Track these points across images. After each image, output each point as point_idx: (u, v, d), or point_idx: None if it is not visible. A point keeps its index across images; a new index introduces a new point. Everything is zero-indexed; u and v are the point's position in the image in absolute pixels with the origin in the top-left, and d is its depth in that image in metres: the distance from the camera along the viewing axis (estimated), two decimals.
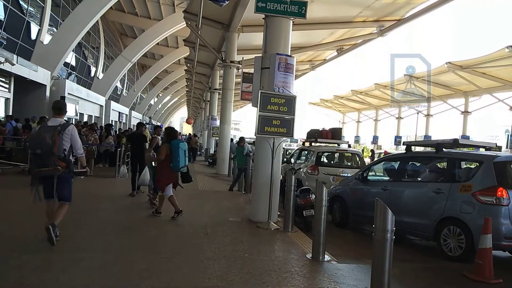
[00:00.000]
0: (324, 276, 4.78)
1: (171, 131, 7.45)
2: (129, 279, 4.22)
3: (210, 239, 6.18)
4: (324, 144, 11.35)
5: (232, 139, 16.96)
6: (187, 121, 54.03)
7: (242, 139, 11.91)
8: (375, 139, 32.48)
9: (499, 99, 19.76)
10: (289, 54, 7.53)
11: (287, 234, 6.68)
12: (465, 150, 7.89)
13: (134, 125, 37.20)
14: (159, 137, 9.03)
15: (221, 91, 17.03)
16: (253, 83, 7.65)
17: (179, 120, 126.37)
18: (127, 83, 44.87)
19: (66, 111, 5.80)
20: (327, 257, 5.39)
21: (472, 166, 6.72)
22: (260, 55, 7.65)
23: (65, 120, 5.35)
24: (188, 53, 23.53)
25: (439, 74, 19.72)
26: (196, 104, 48.53)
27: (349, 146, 11.08)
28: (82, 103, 26.44)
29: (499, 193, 5.71)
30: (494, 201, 5.71)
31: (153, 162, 8.19)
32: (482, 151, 7.19)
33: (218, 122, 19.54)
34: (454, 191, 6.21)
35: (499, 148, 18.16)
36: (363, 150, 28.09)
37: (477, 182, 6.02)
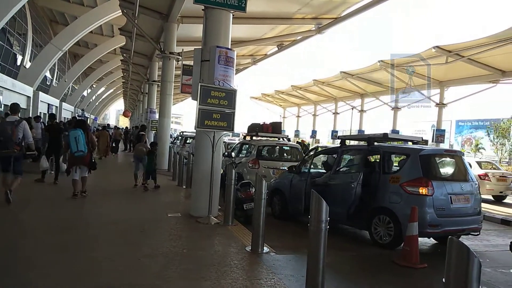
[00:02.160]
0: (262, 267, 4.84)
1: (73, 121, 9.07)
2: (65, 281, 3.99)
3: (147, 236, 6.01)
4: (264, 138, 11.49)
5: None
6: (124, 114, 51.97)
7: (154, 144, 11.49)
8: (313, 133, 33.54)
9: (426, 96, 21.24)
10: (230, 47, 7.48)
11: (227, 228, 6.68)
12: (395, 143, 8.41)
13: (65, 117, 34.99)
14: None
15: (160, 83, 16.54)
16: (193, 76, 7.50)
17: (115, 113, 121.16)
18: (57, 73, 41.97)
19: (20, 110, 8.11)
20: (266, 249, 5.47)
21: (400, 159, 7.17)
22: (200, 47, 7.52)
23: (18, 117, 7.52)
24: (125, 43, 22.54)
25: (372, 72, 20.79)
26: (133, 96, 46.73)
27: (289, 140, 11.31)
28: (7, 94, 24.26)
29: (424, 184, 6.16)
30: (420, 192, 6.15)
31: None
32: (409, 144, 7.69)
33: (157, 116, 18.97)
34: (384, 182, 6.59)
35: (425, 142, 19.67)
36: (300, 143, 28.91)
37: (405, 174, 6.45)
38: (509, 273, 5.57)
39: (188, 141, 18.10)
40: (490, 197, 13.50)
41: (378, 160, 7.24)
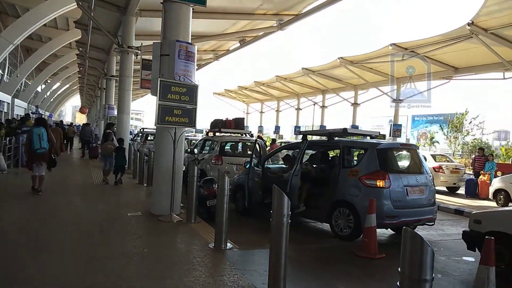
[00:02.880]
0: (225, 264, 4.82)
1: (26, 118, 8.84)
2: (21, 285, 3.78)
3: (106, 236, 5.83)
4: (227, 134, 11.44)
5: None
6: (81, 111, 49.97)
7: (121, 140, 11.44)
8: (277, 129, 33.79)
9: (384, 92, 21.90)
10: (190, 42, 7.35)
11: (190, 225, 6.59)
12: (354, 138, 8.63)
13: (18, 114, 33.19)
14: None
15: (118, 78, 16.02)
16: (152, 71, 7.31)
17: (71, 109, 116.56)
18: (8, 67, 39.64)
19: None
20: (229, 245, 5.45)
21: (359, 153, 7.37)
22: (159, 41, 7.34)
23: None
24: (80, 36, 21.61)
25: (333, 69, 21.16)
26: (90, 92, 44.99)
27: (252, 135, 11.31)
28: None
29: (381, 177, 6.37)
30: (377, 184, 6.35)
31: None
32: (368, 139, 7.91)
33: (116, 112, 18.40)
34: (343, 176, 6.75)
35: (383, 137, 20.29)
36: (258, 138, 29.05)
37: (363, 167, 6.63)
38: (462, 261, 5.86)
39: (149, 138, 17.72)
40: (444, 189, 14.18)
41: (338, 155, 7.39)
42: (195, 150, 11.39)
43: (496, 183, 11.88)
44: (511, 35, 12.80)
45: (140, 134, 21.42)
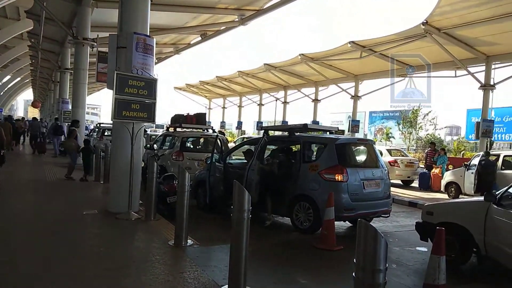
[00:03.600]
0: (185, 261, 4.76)
1: None
2: None
3: (60, 236, 5.57)
4: (189, 130, 11.28)
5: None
6: (33, 105, 47.48)
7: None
8: (239, 124, 33.79)
9: (343, 89, 22.45)
10: (148, 34, 7.16)
11: (149, 223, 6.45)
12: (315, 134, 8.77)
13: None
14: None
15: (73, 71, 15.37)
16: (108, 64, 7.05)
17: (23, 104, 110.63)
18: None
19: None
20: (190, 242, 5.38)
21: (319, 148, 7.50)
22: (116, 33, 7.09)
23: None
24: (32, 27, 20.49)
25: (294, 65, 21.43)
26: (43, 85, 42.89)
27: (214, 131, 11.22)
28: None
29: (340, 171, 6.52)
30: (336, 178, 6.49)
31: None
32: (327, 134, 8.06)
33: (70, 106, 17.65)
34: (304, 171, 6.85)
35: (342, 132, 20.83)
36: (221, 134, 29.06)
37: (322, 162, 6.76)
38: (415, 251, 6.12)
39: (106, 134, 17.15)
40: (399, 182, 14.76)
41: (298, 150, 7.49)
42: (155, 146, 11.15)
43: (448, 176, 12.51)
44: (462, 35, 13.49)
45: (97, 130, 20.69)
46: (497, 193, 5.01)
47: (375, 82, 22.12)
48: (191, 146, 10.62)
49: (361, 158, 7.64)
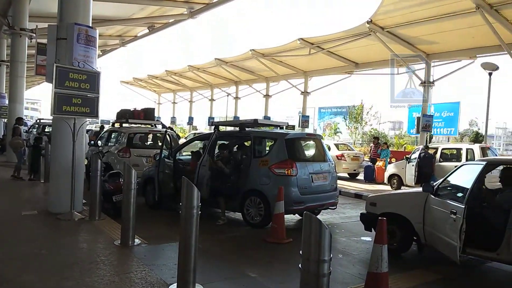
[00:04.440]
0: (132, 261, 4.62)
1: None
2: None
3: None
4: (136, 125, 10.92)
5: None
6: None
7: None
8: (190, 120, 33.28)
9: (293, 85, 22.81)
10: (91, 25, 6.82)
11: (93, 223, 6.18)
12: (266, 129, 8.83)
13: None
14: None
15: (9, 64, 14.33)
16: (47, 56, 6.64)
17: None
18: None
19: None
20: (137, 241, 5.23)
21: (269, 143, 7.57)
22: (56, 23, 6.69)
23: None
24: None
25: (245, 60, 21.43)
26: None
27: (163, 126, 10.94)
28: None
29: (289, 165, 6.62)
30: (286, 173, 6.59)
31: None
32: (278, 129, 8.15)
33: (7, 101, 16.46)
34: (255, 166, 6.88)
35: (292, 127, 21.20)
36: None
37: (273, 157, 6.83)
38: (360, 241, 6.37)
39: (46, 130, 16.17)
40: (346, 175, 15.31)
41: (249, 145, 7.50)
42: (99, 143, 10.69)
43: (390, 169, 13.16)
44: (404, 33, 14.16)
45: (36, 125, 19.46)
46: (434, 184, 5.32)
47: (324, 78, 22.73)
48: (139, 143, 10.28)
49: (310, 152, 7.82)
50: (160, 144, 10.41)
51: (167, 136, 8.31)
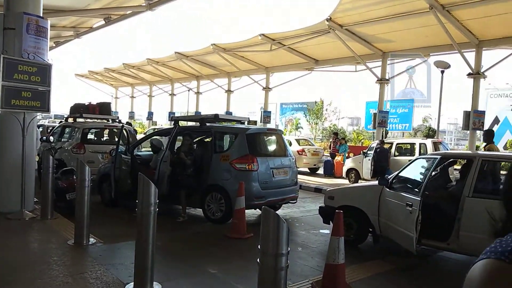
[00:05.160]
0: (87, 260, 4.46)
1: None
2: None
3: None
4: (91, 120, 10.53)
5: None
6: None
7: None
8: (150, 115, 32.51)
9: (255, 80, 22.85)
10: (42, 15, 6.47)
11: (45, 222, 5.91)
12: (229, 124, 8.77)
13: None
14: None
15: None
16: None
17: None
18: None
19: None
20: (92, 240, 5.06)
21: (230, 139, 7.55)
22: (2, 12, 6.29)
23: None
24: None
25: (206, 55, 21.18)
26: None
27: (120, 121, 10.62)
28: None
29: (250, 160, 6.64)
30: (247, 167, 6.60)
31: None
32: (240, 125, 8.13)
33: None
34: (215, 161, 6.84)
35: (255, 123, 21.26)
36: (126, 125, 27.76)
37: (234, 152, 6.82)
38: (319, 233, 6.51)
39: None
40: (306, 170, 15.58)
41: (210, 140, 7.44)
42: (51, 138, 10.20)
43: (348, 163, 13.53)
44: (362, 32, 14.54)
45: None
46: (389, 177, 5.53)
47: (286, 74, 22.95)
48: (94, 138, 9.93)
49: (271, 147, 7.86)
50: (116, 139, 10.12)
51: (124, 131, 8.06)
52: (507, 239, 0.70)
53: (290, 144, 14.33)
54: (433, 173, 5.15)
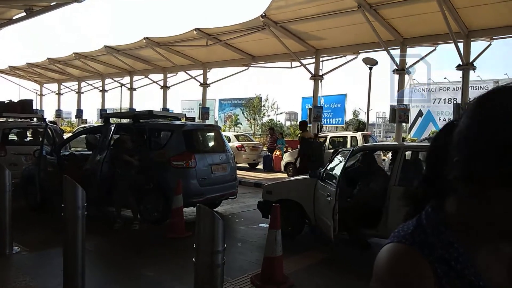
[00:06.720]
0: (11, 270, 4.13)
1: None
2: None
3: None
4: (12, 120, 9.68)
5: None
6: None
7: None
8: (79, 113, 30.68)
9: (192, 76, 22.43)
10: None
11: None
12: (165, 121, 8.53)
13: None
14: None
15: None
16: None
17: None
18: None
19: None
20: (16, 249, 4.69)
21: (166, 135, 7.34)
22: None
23: None
24: None
25: (139, 49, 20.36)
26: None
27: (44, 120, 9.87)
28: None
29: (188, 157, 6.52)
30: (184, 165, 6.47)
31: None
32: (177, 121, 7.94)
33: None
34: (151, 159, 6.61)
35: (193, 119, 20.87)
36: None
37: (170, 149, 6.64)
38: (258, 228, 6.58)
39: None
40: (246, 165, 15.69)
41: (145, 138, 7.19)
42: None
43: (286, 158, 13.85)
44: (296, 29, 14.87)
45: None
46: (321, 170, 5.73)
47: (224, 70, 22.83)
48: (16, 139, 9.16)
49: (209, 143, 7.79)
50: (40, 139, 9.43)
51: (49, 130, 7.50)
52: (408, 224, 0.79)
53: (229, 140, 14.36)
54: (347, 164, 5.44)
